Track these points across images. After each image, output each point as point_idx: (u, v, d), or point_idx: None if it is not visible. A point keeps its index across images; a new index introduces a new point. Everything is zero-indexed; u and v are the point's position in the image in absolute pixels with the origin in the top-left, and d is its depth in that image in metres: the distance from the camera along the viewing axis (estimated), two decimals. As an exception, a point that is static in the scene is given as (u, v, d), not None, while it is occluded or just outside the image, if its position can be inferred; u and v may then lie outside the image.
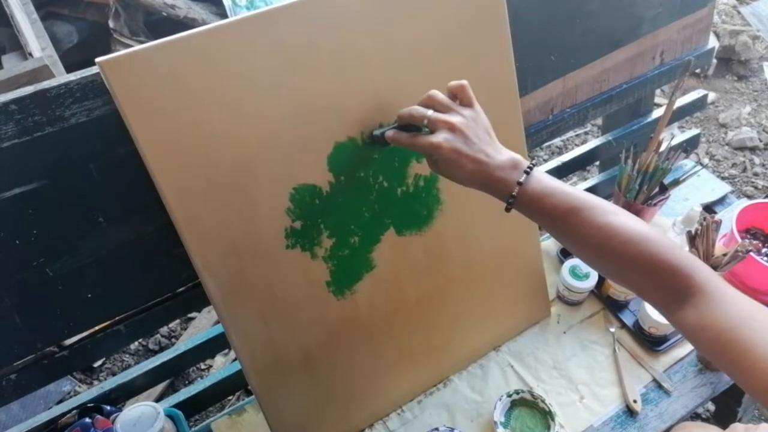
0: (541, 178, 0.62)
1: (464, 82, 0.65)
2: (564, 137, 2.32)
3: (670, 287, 0.57)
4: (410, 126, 0.67)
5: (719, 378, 0.98)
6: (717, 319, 0.54)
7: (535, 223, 0.65)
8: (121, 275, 0.77)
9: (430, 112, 0.64)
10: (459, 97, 0.66)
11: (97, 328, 0.82)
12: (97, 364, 1.62)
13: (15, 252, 0.69)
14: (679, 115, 1.33)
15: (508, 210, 0.63)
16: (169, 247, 0.77)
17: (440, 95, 0.65)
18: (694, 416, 1.43)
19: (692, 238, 1.04)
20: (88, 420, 0.82)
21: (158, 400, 1.41)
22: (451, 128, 0.62)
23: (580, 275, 1.04)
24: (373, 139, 0.73)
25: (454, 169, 0.62)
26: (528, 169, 0.62)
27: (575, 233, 0.60)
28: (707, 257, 1.03)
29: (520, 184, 0.61)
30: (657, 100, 2.21)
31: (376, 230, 0.81)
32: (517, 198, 0.61)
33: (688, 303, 0.56)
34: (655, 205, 1.09)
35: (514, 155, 0.64)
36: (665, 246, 0.57)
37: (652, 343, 1.00)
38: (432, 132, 0.63)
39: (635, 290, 0.62)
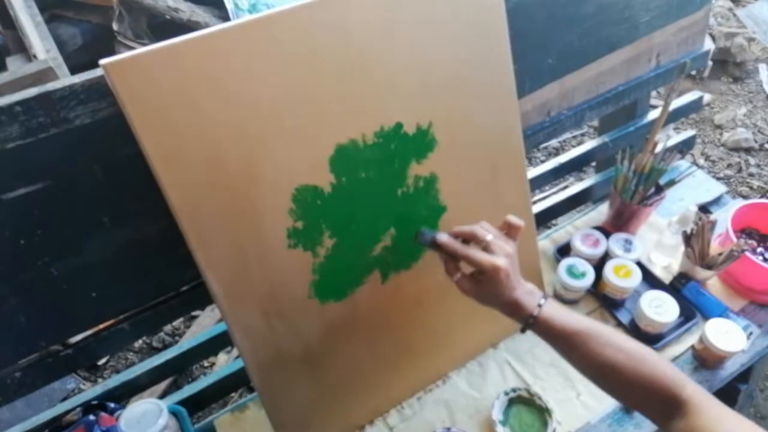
0: (554, 304, 0.71)
1: (522, 223, 0.74)
2: (561, 139, 2.33)
3: (662, 402, 0.64)
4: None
5: (715, 376, 0.98)
6: (703, 427, 0.61)
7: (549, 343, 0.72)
8: (125, 275, 0.78)
9: (490, 237, 0.71)
10: (511, 233, 0.74)
11: (101, 326, 0.82)
12: (101, 362, 1.62)
13: (20, 252, 0.69)
14: (674, 117, 1.33)
15: (523, 331, 0.72)
16: (172, 247, 0.77)
17: (490, 227, 0.74)
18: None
19: (688, 238, 1.05)
20: (92, 417, 0.82)
21: (162, 397, 1.41)
22: (507, 255, 0.70)
23: (577, 274, 1.05)
24: (418, 236, 0.76)
25: (496, 290, 0.70)
26: (545, 296, 0.71)
27: (582, 353, 0.68)
28: (702, 257, 1.04)
29: (540, 306, 0.70)
30: (653, 101, 2.22)
31: (377, 230, 0.82)
32: (536, 319, 0.70)
33: (677, 415, 0.63)
34: (650, 205, 1.10)
35: (531, 286, 0.73)
36: (657, 366, 0.66)
37: (648, 341, 1.00)
38: (488, 253, 0.70)
39: (634, 406, 0.72)
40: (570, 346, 0.69)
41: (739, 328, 0.96)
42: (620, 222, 1.15)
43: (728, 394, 1.20)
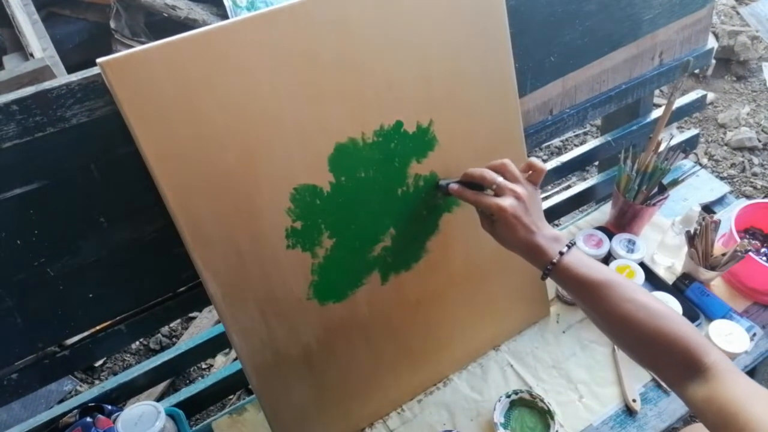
0: (578, 253, 0.70)
1: (545, 168, 0.74)
2: (563, 137, 2.32)
3: (682, 363, 0.62)
4: (473, 184, 0.75)
5: (718, 377, 0.98)
6: (725, 395, 0.58)
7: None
8: (122, 275, 0.77)
9: (500, 179, 0.72)
10: (532, 177, 0.74)
11: (98, 327, 0.82)
12: (98, 364, 1.62)
13: (16, 252, 0.69)
14: (678, 116, 1.33)
15: (543, 277, 0.71)
16: (170, 247, 0.77)
17: (513, 166, 0.73)
18: (693, 415, 1.43)
19: (691, 238, 1.04)
20: (89, 419, 0.82)
21: (159, 399, 1.41)
22: (517, 197, 0.70)
23: (580, 275, 1.04)
24: (438, 187, 0.80)
25: (508, 232, 0.70)
26: (570, 244, 0.70)
27: (603, 305, 0.67)
28: (706, 257, 1.04)
29: (561, 254, 0.69)
30: (656, 100, 2.21)
31: (377, 230, 0.81)
32: (556, 266, 0.68)
33: (698, 379, 0.61)
34: (654, 205, 1.10)
35: (558, 232, 0.72)
36: (681, 327, 0.63)
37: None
38: (497, 196, 0.71)
39: (650, 365, 0.69)
40: (590, 297, 0.67)
41: (742, 329, 0.96)
42: (623, 222, 1.14)
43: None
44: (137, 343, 1.67)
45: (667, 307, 0.65)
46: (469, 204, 0.75)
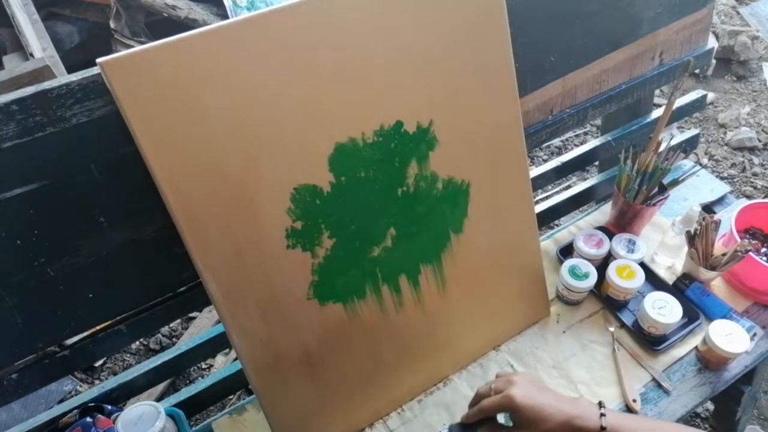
0: (612, 410, 0.67)
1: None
2: (563, 137, 2.32)
3: None
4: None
5: (718, 377, 0.98)
6: None
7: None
8: (122, 275, 0.77)
9: (493, 384, 0.71)
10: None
11: (98, 327, 0.82)
12: (98, 364, 1.62)
13: (16, 252, 0.69)
14: (678, 116, 1.33)
15: None
16: (170, 247, 0.77)
17: (497, 373, 0.74)
18: (694, 416, 1.43)
19: (691, 238, 1.04)
20: (89, 419, 0.82)
21: (159, 399, 1.41)
22: (512, 382, 0.69)
23: (580, 275, 1.04)
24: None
25: (533, 414, 0.66)
26: (601, 405, 0.67)
27: None
28: (706, 257, 1.03)
29: (603, 415, 0.65)
30: (656, 100, 2.21)
31: (377, 230, 0.81)
32: (607, 429, 0.65)
33: None
34: (654, 205, 1.09)
35: (575, 396, 0.70)
36: None
37: (651, 342, 1.00)
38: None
39: None
40: None
41: (742, 329, 0.96)
42: (623, 222, 1.14)
43: (732, 396, 1.19)
44: (137, 343, 1.67)
45: None
46: (469, 205, 0.74)
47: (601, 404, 0.67)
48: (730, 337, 0.94)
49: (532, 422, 0.66)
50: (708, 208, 1.27)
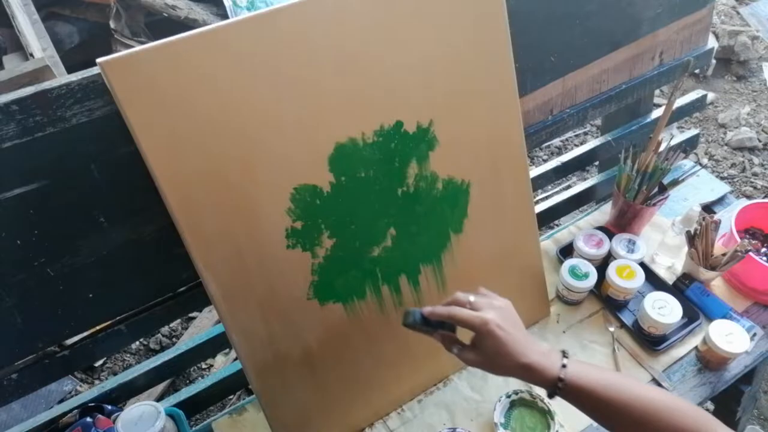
0: (576, 361, 0.66)
1: (483, 288, 0.71)
2: (563, 137, 2.32)
3: None
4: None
5: (718, 377, 0.98)
6: None
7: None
8: (122, 275, 0.77)
9: (473, 297, 0.68)
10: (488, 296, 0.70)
11: (98, 327, 0.82)
12: (98, 364, 1.62)
13: (16, 252, 0.69)
14: (678, 116, 1.33)
15: (551, 396, 0.66)
16: (169, 247, 0.77)
17: (481, 289, 0.71)
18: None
19: (691, 238, 1.04)
20: (89, 419, 0.82)
21: (159, 399, 1.41)
22: (495, 308, 0.66)
23: (580, 275, 1.04)
24: (407, 315, 0.70)
25: (497, 347, 0.64)
26: (566, 354, 0.66)
27: (614, 408, 0.64)
28: (706, 257, 1.03)
29: (564, 366, 0.64)
30: (656, 100, 2.21)
31: (377, 230, 0.81)
32: (565, 381, 0.64)
33: None
34: (654, 205, 1.09)
35: (544, 344, 0.68)
36: (687, 416, 0.62)
37: (651, 342, 1.00)
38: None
39: None
40: (599, 404, 0.64)
41: (742, 329, 0.96)
42: (623, 222, 1.14)
43: (732, 396, 1.19)
44: (137, 343, 1.67)
45: (668, 394, 0.65)
46: (469, 205, 0.74)
47: (565, 354, 0.66)
48: (730, 337, 0.94)
49: (494, 354, 0.65)
50: (708, 208, 1.27)
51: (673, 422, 0.62)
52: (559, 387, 0.64)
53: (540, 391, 0.93)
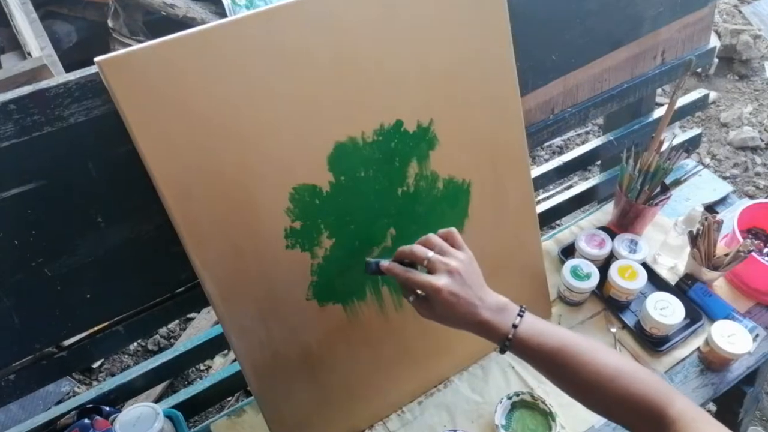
0: (530, 320, 0.66)
1: (452, 229, 0.69)
2: (565, 137, 2.31)
3: (650, 422, 0.60)
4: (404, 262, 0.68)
5: (721, 378, 0.97)
6: None
7: (529, 360, 0.67)
8: (120, 275, 0.77)
9: (431, 254, 0.66)
10: (449, 242, 0.68)
11: (96, 328, 0.81)
12: (96, 365, 1.62)
13: (13, 252, 0.69)
14: (680, 115, 1.32)
15: (502, 352, 0.66)
16: (168, 247, 0.76)
17: (438, 239, 0.68)
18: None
19: (694, 238, 1.03)
20: (87, 421, 0.82)
21: (157, 401, 1.40)
22: (450, 271, 0.64)
23: (581, 275, 1.03)
24: (366, 265, 0.70)
25: (449, 313, 0.64)
26: (521, 313, 0.66)
27: (565, 372, 0.64)
28: (709, 257, 1.03)
29: (515, 326, 0.64)
30: (658, 99, 2.20)
31: (377, 230, 0.81)
32: (513, 340, 0.64)
33: None
34: (656, 205, 1.09)
35: (502, 299, 0.67)
36: (643, 382, 0.61)
37: (653, 343, 0.99)
38: (430, 272, 0.65)
39: (621, 424, 0.65)
40: (551, 366, 0.64)
41: (745, 330, 0.95)
42: (625, 222, 1.13)
43: (734, 397, 1.18)
44: (135, 344, 1.67)
45: (626, 361, 0.63)
46: (470, 205, 0.73)
47: (522, 311, 0.66)
48: (733, 337, 0.94)
49: (446, 315, 0.65)
50: (710, 208, 1.26)
51: (626, 390, 0.60)
52: (506, 345, 0.65)
53: (542, 393, 0.93)
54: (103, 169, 0.69)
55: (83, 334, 0.81)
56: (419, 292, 0.67)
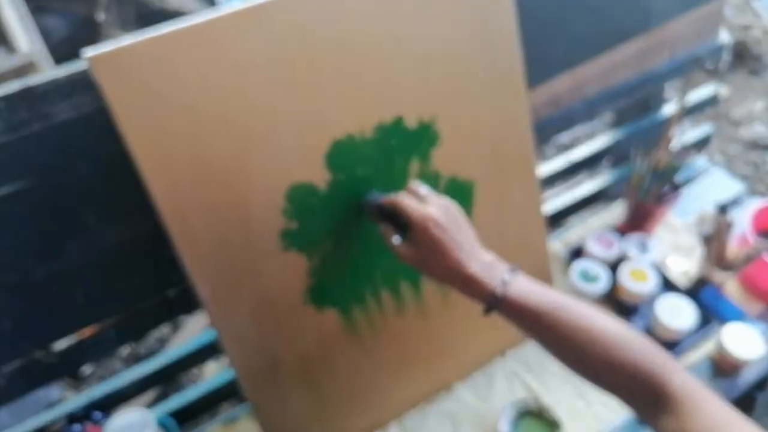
0: (523, 279, 0.62)
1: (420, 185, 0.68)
2: (572, 133, 2.29)
3: (647, 395, 0.56)
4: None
5: (732, 384, 0.95)
6: (694, 429, 0.53)
7: (518, 325, 0.63)
8: (112, 277, 0.77)
9: (426, 190, 0.66)
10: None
11: (86, 333, 0.81)
12: (88, 374, 1.61)
13: (2, 254, 0.68)
14: (690, 112, 1.31)
15: (486, 312, 0.62)
16: (160, 249, 0.75)
17: (423, 186, 0.67)
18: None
19: (705, 239, 1.02)
20: (77, 427, 0.81)
21: (149, 407, 1.39)
22: (442, 205, 0.63)
23: (590, 277, 1.02)
24: (367, 204, 0.72)
25: (434, 251, 0.61)
26: (512, 269, 0.62)
27: (557, 334, 0.60)
28: (720, 258, 1.01)
29: (505, 283, 0.60)
30: (668, 95, 2.18)
31: (376, 231, 0.79)
32: (501, 300, 0.60)
33: (665, 411, 0.55)
34: (666, 203, 1.07)
35: (491, 254, 0.64)
36: (641, 352, 0.57)
37: (663, 347, 0.97)
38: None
39: (617, 396, 0.60)
40: (542, 328, 0.60)
41: (757, 334, 0.94)
42: (635, 222, 1.12)
43: (745, 403, 1.16)
44: (127, 351, 1.67)
45: (625, 328, 0.59)
46: (474, 205, 0.71)
47: (513, 268, 0.62)
48: (745, 342, 0.92)
49: (431, 254, 0.61)
50: (722, 208, 1.24)
51: (622, 356, 0.56)
52: (494, 304, 0.60)
53: (547, 400, 0.92)
54: (94, 169, 0.68)
55: (74, 339, 0.80)
56: (394, 243, 0.65)
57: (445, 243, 0.60)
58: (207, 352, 0.99)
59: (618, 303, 1.04)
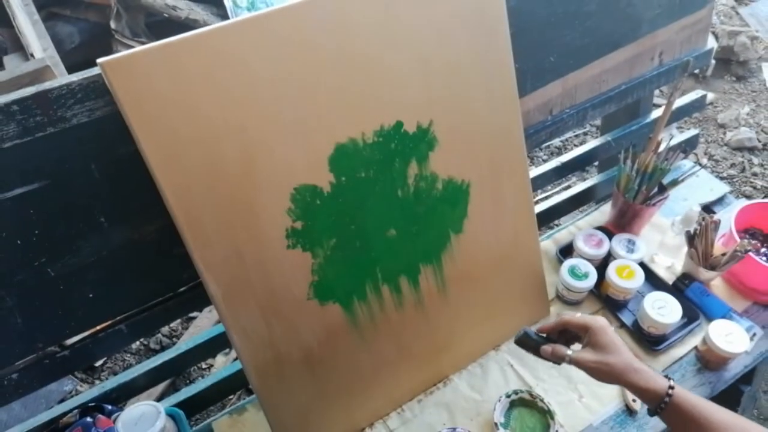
0: (683, 389, 0.68)
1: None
2: (563, 138, 2.32)
3: None
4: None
5: (718, 377, 0.98)
6: None
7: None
8: (123, 275, 0.77)
9: (578, 314, 0.75)
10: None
11: (98, 327, 0.82)
12: (98, 364, 1.62)
13: (16, 252, 0.69)
14: (677, 116, 1.32)
15: (652, 414, 0.69)
16: (170, 247, 0.77)
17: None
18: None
19: (691, 238, 1.04)
20: (89, 419, 0.82)
21: (159, 399, 1.41)
22: (601, 317, 0.72)
23: (579, 275, 1.04)
24: (523, 338, 0.79)
25: (614, 348, 0.69)
26: (670, 378, 0.68)
27: None
28: (706, 257, 1.03)
29: (672, 388, 0.67)
30: (656, 100, 2.20)
31: (377, 231, 0.81)
32: (672, 397, 0.66)
33: None
34: (654, 205, 1.09)
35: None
36: None
37: (650, 342, 1.00)
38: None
39: None
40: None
41: (742, 329, 0.96)
42: (623, 222, 1.14)
43: (731, 396, 1.18)
44: (137, 343, 1.67)
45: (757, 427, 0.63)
46: (469, 205, 0.74)
47: (670, 377, 0.69)
48: (730, 337, 0.94)
49: (611, 348, 0.69)
50: (707, 208, 1.27)
51: None
52: (664, 402, 0.66)
53: (540, 391, 0.94)
54: (105, 170, 0.70)
55: (85, 333, 0.81)
56: (569, 353, 0.72)
57: (619, 340, 0.70)
58: (215, 346, 1.00)
59: (607, 299, 1.06)
